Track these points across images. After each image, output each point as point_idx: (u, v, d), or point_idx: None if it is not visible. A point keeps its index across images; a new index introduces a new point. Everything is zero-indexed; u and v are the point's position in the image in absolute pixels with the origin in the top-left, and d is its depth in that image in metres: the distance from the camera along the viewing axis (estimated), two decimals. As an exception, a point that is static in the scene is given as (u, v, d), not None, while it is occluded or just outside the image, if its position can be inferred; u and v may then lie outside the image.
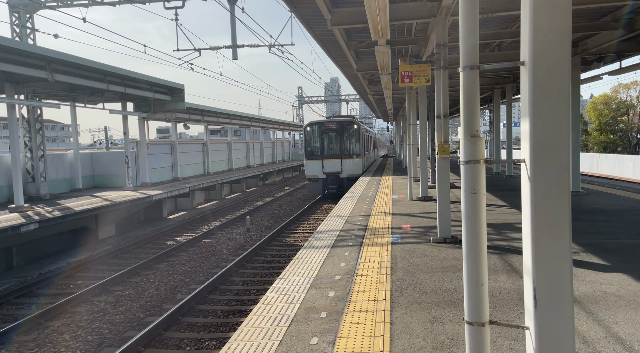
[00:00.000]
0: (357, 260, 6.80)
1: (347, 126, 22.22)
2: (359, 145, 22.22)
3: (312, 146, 22.21)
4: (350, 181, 21.07)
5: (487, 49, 12.96)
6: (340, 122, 22.18)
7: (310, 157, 21.98)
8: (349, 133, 22.20)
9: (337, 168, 21.69)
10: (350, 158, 21.92)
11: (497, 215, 10.20)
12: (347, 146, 22.12)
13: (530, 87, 2.31)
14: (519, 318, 4.47)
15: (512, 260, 6.55)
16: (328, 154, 21.95)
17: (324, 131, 22.01)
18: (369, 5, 6.15)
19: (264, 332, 4.40)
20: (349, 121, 22.68)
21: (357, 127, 22.19)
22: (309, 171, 21.94)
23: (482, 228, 2.62)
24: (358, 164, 22.10)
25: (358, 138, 22.19)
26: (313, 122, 22.55)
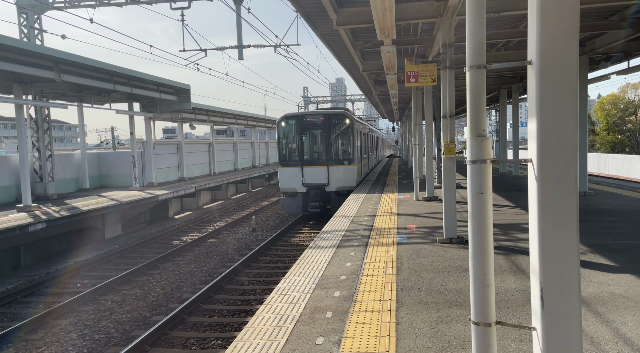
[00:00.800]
0: (363, 260, 6.80)
1: (337, 120, 16.31)
2: (352, 147, 16.31)
3: (289, 147, 16.50)
4: (341, 196, 15.64)
5: (494, 48, 12.90)
6: (327, 116, 16.31)
7: (285, 163, 16.27)
8: (339, 131, 16.42)
9: (322, 178, 15.92)
10: (340, 164, 16.06)
11: (504, 215, 10.15)
12: (336, 149, 16.31)
13: (537, 87, 2.30)
14: (526, 319, 4.45)
15: (518, 261, 6.51)
16: (310, 159, 16.23)
17: (305, 128, 16.22)
18: (374, 5, 6.14)
19: (269, 332, 4.40)
20: (338, 113, 16.61)
21: (349, 122, 16.29)
22: (284, 182, 16.19)
23: (488, 228, 2.61)
24: (351, 173, 16.19)
25: (352, 136, 16.34)
26: (289, 115, 16.50)
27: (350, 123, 16.35)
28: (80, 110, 19.19)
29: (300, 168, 16.08)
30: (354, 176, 16.39)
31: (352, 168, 16.33)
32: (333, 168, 16.05)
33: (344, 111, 17.04)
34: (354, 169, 16.42)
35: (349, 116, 16.49)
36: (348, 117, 16.38)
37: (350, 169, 16.30)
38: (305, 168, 16.08)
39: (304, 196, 16.07)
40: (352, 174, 16.31)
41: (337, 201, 15.26)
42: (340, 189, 16.06)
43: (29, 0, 16.25)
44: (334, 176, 16.01)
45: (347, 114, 16.66)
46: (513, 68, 16.20)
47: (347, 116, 16.41)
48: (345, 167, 16.22)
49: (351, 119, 16.39)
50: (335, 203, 15.26)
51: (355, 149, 16.64)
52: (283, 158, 16.42)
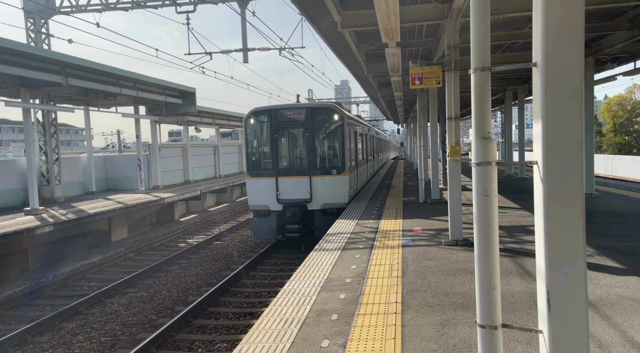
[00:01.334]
0: (368, 263, 6.79)
1: (323, 116, 12.71)
2: (343, 151, 12.65)
3: (259, 152, 12.88)
4: (328, 215, 12.32)
5: (499, 50, 12.87)
6: (309, 111, 12.54)
7: (255, 172, 12.66)
8: (326, 130, 12.81)
9: (303, 192, 12.31)
10: (326, 173, 12.47)
11: (510, 217, 10.10)
12: (321, 153, 12.70)
13: (542, 89, 2.29)
14: (533, 322, 4.42)
15: (524, 263, 6.48)
16: (287, 167, 12.62)
17: (281, 126, 12.58)
18: (379, 7, 6.15)
19: (275, 334, 4.41)
20: (324, 107, 12.95)
21: (339, 119, 12.63)
22: (254, 197, 12.62)
23: (494, 230, 2.60)
24: (341, 185, 12.54)
25: (342, 137, 12.64)
26: (260, 109, 12.80)
27: (339, 120, 12.56)
28: (87, 113, 19.33)
29: (275, 178, 12.24)
30: (345, 188, 12.52)
31: (342, 179, 12.43)
32: (317, 178, 12.26)
33: (332, 105, 13.09)
34: (345, 180, 12.50)
35: (338, 111, 12.61)
36: (337, 112, 12.54)
37: (341, 181, 12.40)
38: (281, 178, 12.28)
39: (279, 216, 12.33)
40: (343, 186, 12.47)
41: (323, 222, 11.81)
42: (327, 206, 12.32)
43: (36, 5, 16.41)
44: (318, 189, 12.26)
45: (336, 108, 12.71)
46: (518, 70, 16.16)
47: (336, 111, 12.56)
48: (334, 178, 12.34)
49: (341, 115, 12.58)
50: (321, 225, 11.78)
51: (348, 154, 12.86)
52: (252, 166, 12.66)
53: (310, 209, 12.35)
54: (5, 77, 13.01)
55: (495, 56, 12.88)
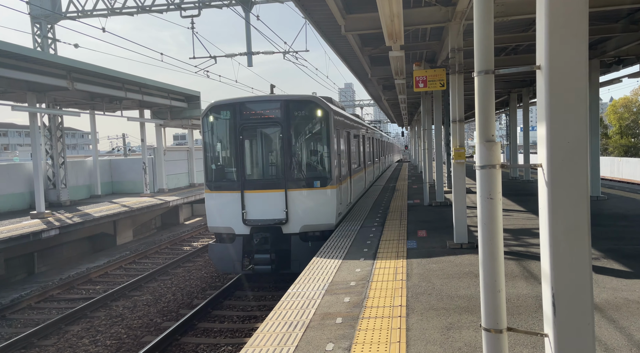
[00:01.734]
0: (373, 266, 6.78)
1: (302, 112, 9.88)
2: (330, 157, 9.85)
3: (220, 158, 10.25)
4: (310, 241, 9.57)
5: (503, 53, 12.85)
6: (284, 105, 9.70)
7: (215, 185, 9.94)
8: (307, 130, 10.05)
9: (277, 210, 9.58)
10: (307, 186, 9.66)
11: (515, 220, 10.06)
12: (300, 160, 9.88)
13: (546, 92, 2.29)
14: (538, 325, 4.40)
15: (530, 266, 6.45)
16: (257, 179, 9.91)
17: (247, 124, 9.79)
18: (382, 10, 6.17)
19: (279, 338, 4.41)
20: (304, 101, 9.94)
21: (323, 115, 9.75)
22: (214, 216, 9.87)
23: (498, 233, 2.60)
24: (327, 201, 9.78)
25: (328, 138, 9.86)
26: (222, 103, 9.97)
27: (324, 117, 9.62)
28: (93, 117, 19.45)
29: (240, 193, 9.45)
30: (332, 206, 9.67)
31: (328, 193, 9.61)
32: (296, 193, 9.45)
33: (314, 97, 9.93)
34: (332, 194, 9.66)
35: (321, 104, 9.64)
36: (321, 106, 9.61)
37: (326, 196, 9.60)
38: (249, 193, 9.48)
39: (246, 241, 9.50)
40: (329, 203, 9.66)
41: (303, 250, 9.23)
42: (308, 229, 9.52)
43: (42, 11, 16.56)
44: (297, 207, 9.45)
45: (319, 101, 9.71)
46: (523, 72, 16.14)
47: (319, 105, 9.62)
48: (318, 192, 9.55)
49: (326, 111, 9.62)
50: (300, 254, 9.21)
51: (336, 161, 9.96)
52: (212, 177, 9.88)
53: (287, 233, 9.41)
54: (12, 82, 13.13)
55: (500, 58, 12.86)
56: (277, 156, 9.83)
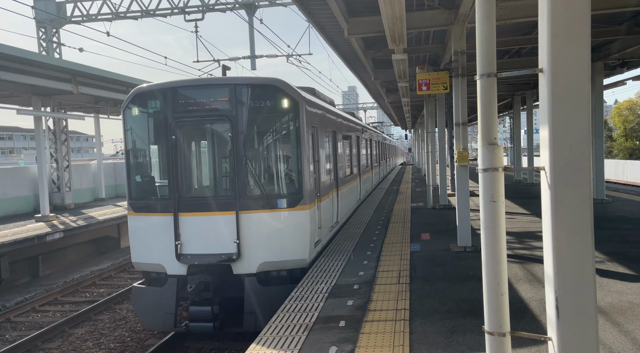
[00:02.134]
0: (376, 269, 6.77)
1: (261, 102, 6.89)
2: (301, 164, 6.94)
3: (148, 166, 7.42)
4: (273, 286, 6.76)
5: (506, 55, 12.84)
6: (235, 90, 6.77)
7: (140, 204, 7.08)
8: (269, 126, 7.16)
9: (224, 241, 6.68)
10: (268, 207, 6.69)
11: (519, 223, 10.03)
12: (259, 170, 7.05)
13: (549, 95, 2.29)
14: (542, 329, 4.38)
15: (534, 269, 6.42)
16: (196, 195, 7.18)
17: (183, 119, 6.89)
18: (385, 14, 6.18)
19: (282, 341, 4.40)
20: (264, 86, 6.98)
21: (291, 105, 6.85)
22: (138, 249, 7.08)
23: (501, 236, 2.59)
24: (297, 227, 6.85)
25: (299, 139, 6.91)
26: (149, 89, 7.08)
27: (292, 109, 6.91)
28: (97, 121, 19.55)
29: (173, 216, 6.76)
30: (305, 233, 6.90)
31: (298, 217, 6.85)
32: (251, 217, 6.70)
33: (276, 80, 7.03)
34: (306, 217, 6.89)
35: (288, 92, 6.92)
36: (287, 94, 6.88)
37: (295, 220, 6.84)
38: (186, 216, 6.79)
39: (180, 285, 6.77)
40: (300, 229, 6.88)
41: (262, 299, 6.53)
42: (270, 268, 6.79)
43: (47, 15, 16.69)
44: (254, 236, 6.70)
45: (285, 87, 6.94)
46: (526, 75, 16.12)
47: (285, 92, 6.88)
48: (283, 215, 6.79)
49: (295, 101, 6.90)
50: (258, 305, 6.50)
51: (310, 170, 7.22)
52: (136, 193, 7.20)
53: (239, 274, 6.62)
54: (17, 86, 13.22)
55: (503, 61, 12.85)
56: (225, 165, 6.94)
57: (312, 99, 7.97)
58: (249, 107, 6.80)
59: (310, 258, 7.03)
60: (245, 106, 6.78)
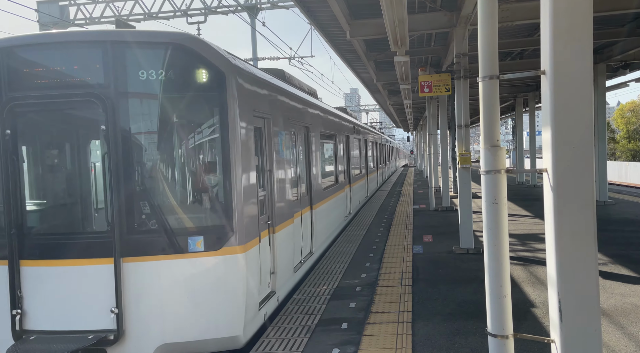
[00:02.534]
0: (378, 271, 6.76)
1: (157, 72, 4.05)
2: (227, 173, 4.18)
3: None
4: None
5: (509, 57, 12.84)
6: (114, 52, 4.06)
7: None
8: (171, 114, 4.26)
9: (95, 310, 3.96)
10: (169, 251, 3.99)
11: (521, 225, 10.01)
12: (153, 187, 4.23)
13: (551, 97, 2.29)
14: (545, 331, 4.37)
15: (537, 271, 6.41)
16: (46, 232, 4.31)
17: (26, 103, 4.11)
18: (387, 16, 6.19)
19: (285, 343, 4.40)
20: (159, 44, 4.17)
21: (211, 76, 4.09)
22: None
23: (503, 238, 2.59)
24: (223, 283, 4.11)
25: (223, 133, 4.17)
26: None
27: (212, 82, 4.16)
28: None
29: (7, 265, 4.01)
30: (237, 294, 4.20)
31: (226, 267, 4.16)
32: (141, 267, 4.04)
33: (184, 37, 4.26)
34: (237, 267, 4.19)
35: (205, 55, 4.18)
36: (202, 59, 4.15)
37: (220, 272, 4.16)
38: (31, 266, 4.07)
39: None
40: (229, 287, 4.18)
41: None
42: (179, 349, 4.12)
43: (50, 18, 16.77)
44: (147, 300, 4.04)
45: (200, 47, 4.21)
46: (529, 77, 16.11)
47: (200, 57, 4.16)
48: (195, 264, 4.09)
49: (216, 69, 4.18)
50: None
51: (249, 183, 4.48)
52: None
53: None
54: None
55: (505, 63, 12.84)
56: (95, 179, 4.49)
57: (255, 74, 5.17)
58: (136, 80, 4.12)
59: (248, 332, 4.35)
60: (129, 79, 4.14)
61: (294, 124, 6.50)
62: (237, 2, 16.60)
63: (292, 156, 6.45)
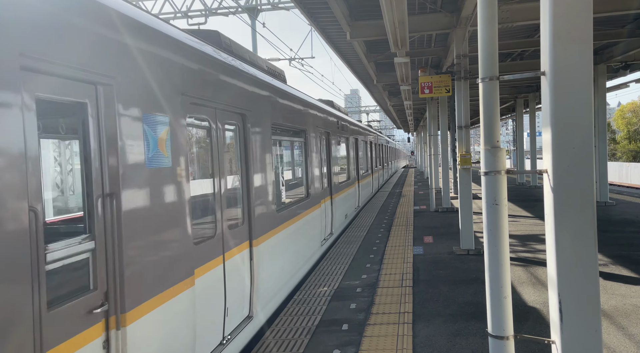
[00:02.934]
0: (379, 272, 6.76)
1: None
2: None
3: None
4: None
5: (509, 58, 12.85)
6: None
7: None
8: None
9: None
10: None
11: (522, 226, 10.00)
12: None
13: (551, 98, 2.29)
14: (545, 332, 4.36)
15: (537, 272, 6.40)
16: None
17: None
18: (388, 18, 6.20)
19: (285, 344, 4.40)
20: None
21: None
22: None
23: (504, 239, 2.59)
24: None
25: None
26: None
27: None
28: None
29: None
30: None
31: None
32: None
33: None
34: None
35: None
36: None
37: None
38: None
39: None
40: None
41: None
42: None
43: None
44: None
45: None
46: (530, 77, 16.11)
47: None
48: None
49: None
50: None
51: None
52: None
53: None
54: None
55: (505, 64, 12.85)
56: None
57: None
58: None
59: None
60: None
61: (215, 110, 4.00)
62: (237, 4, 16.62)
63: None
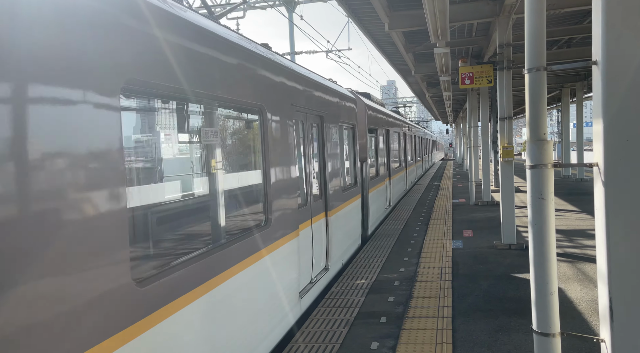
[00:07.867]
0: (417, 266, 6.71)
1: None
2: None
3: None
4: None
5: (555, 46, 12.35)
6: None
7: None
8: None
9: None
10: None
11: (567, 221, 9.65)
12: None
13: (603, 88, 2.21)
14: (592, 331, 4.22)
15: (584, 268, 6.18)
16: None
17: None
18: (428, 7, 6.08)
19: (324, 335, 4.46)
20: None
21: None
22: None
23: (550, 234, 2.53)
24: None
25: None
26: None
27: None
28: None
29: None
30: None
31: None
32: None
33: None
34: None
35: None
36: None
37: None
38: None
39: None
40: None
41: None
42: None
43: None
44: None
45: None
46: (578, 67, 15.44)
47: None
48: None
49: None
50: None
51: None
52: None
53: None
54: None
55: (552, 52, 12.36)
56: None
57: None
58: None
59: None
60: None
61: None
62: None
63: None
